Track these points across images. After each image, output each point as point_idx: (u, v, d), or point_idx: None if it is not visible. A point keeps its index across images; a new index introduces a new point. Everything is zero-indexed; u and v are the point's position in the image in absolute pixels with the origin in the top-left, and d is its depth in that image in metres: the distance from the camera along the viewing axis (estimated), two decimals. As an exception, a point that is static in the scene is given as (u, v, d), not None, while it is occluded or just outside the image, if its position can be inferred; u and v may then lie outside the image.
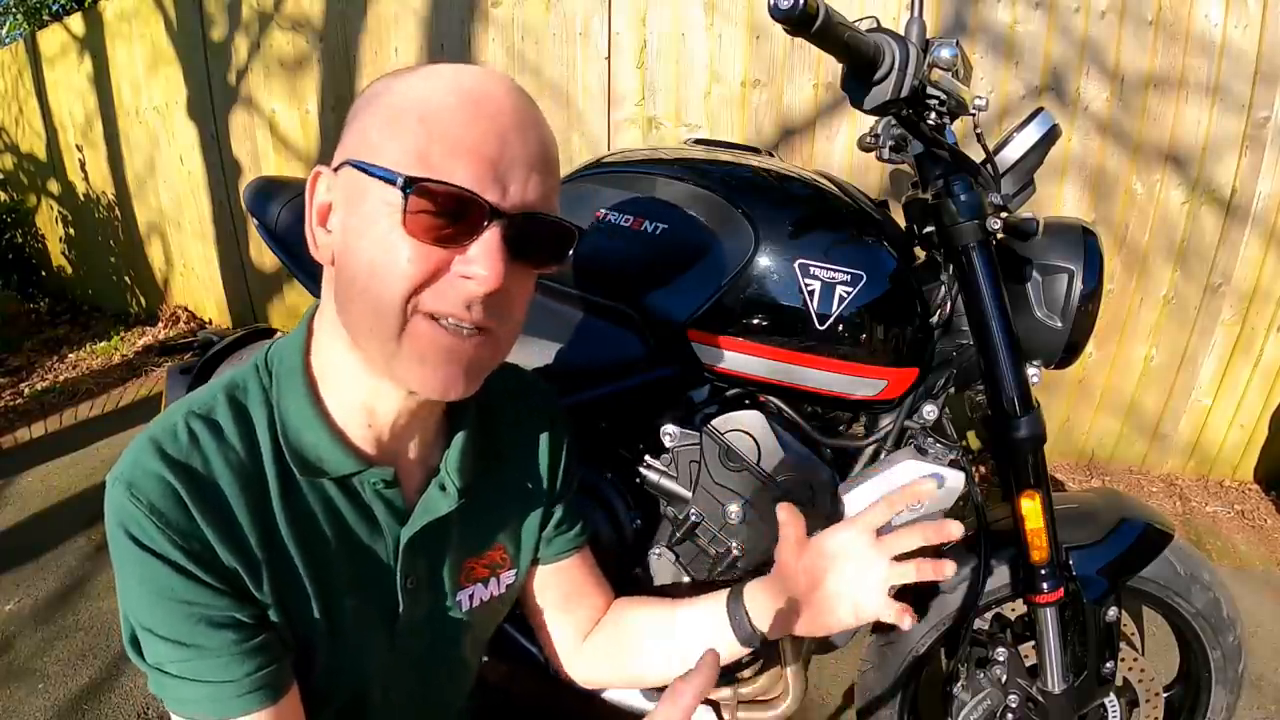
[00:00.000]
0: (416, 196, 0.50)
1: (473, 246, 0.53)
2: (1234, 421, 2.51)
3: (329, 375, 0.62)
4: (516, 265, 0.55)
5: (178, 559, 0.54)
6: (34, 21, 5.89)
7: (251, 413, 0.60)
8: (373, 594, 0.65)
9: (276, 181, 1.37)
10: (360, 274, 0.54)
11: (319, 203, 0.58)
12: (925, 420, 1.00)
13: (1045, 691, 1.00)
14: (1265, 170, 2.22)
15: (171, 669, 0.56)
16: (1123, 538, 1.03)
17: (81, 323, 4.80)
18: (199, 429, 0.57)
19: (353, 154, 0.55)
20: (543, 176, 0.56)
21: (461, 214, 0.52)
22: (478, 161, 0.52)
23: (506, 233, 0.53)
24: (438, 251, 0.52)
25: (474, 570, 0.73)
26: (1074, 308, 0.97)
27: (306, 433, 0.60)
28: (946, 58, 0.83)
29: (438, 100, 0.53)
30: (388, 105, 0.55)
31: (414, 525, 0.65)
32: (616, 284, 1.02)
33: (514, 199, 0.54)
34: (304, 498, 0.61)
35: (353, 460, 0.61)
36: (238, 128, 3.68)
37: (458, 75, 0.55)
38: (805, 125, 2.58)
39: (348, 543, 0.63)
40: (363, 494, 0.64)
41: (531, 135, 0.55)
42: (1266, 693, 1.64)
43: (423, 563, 0.68)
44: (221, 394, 0.60)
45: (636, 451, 1.07)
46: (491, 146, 0.52)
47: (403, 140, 0.52)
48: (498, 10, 2.85)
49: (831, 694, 1.61)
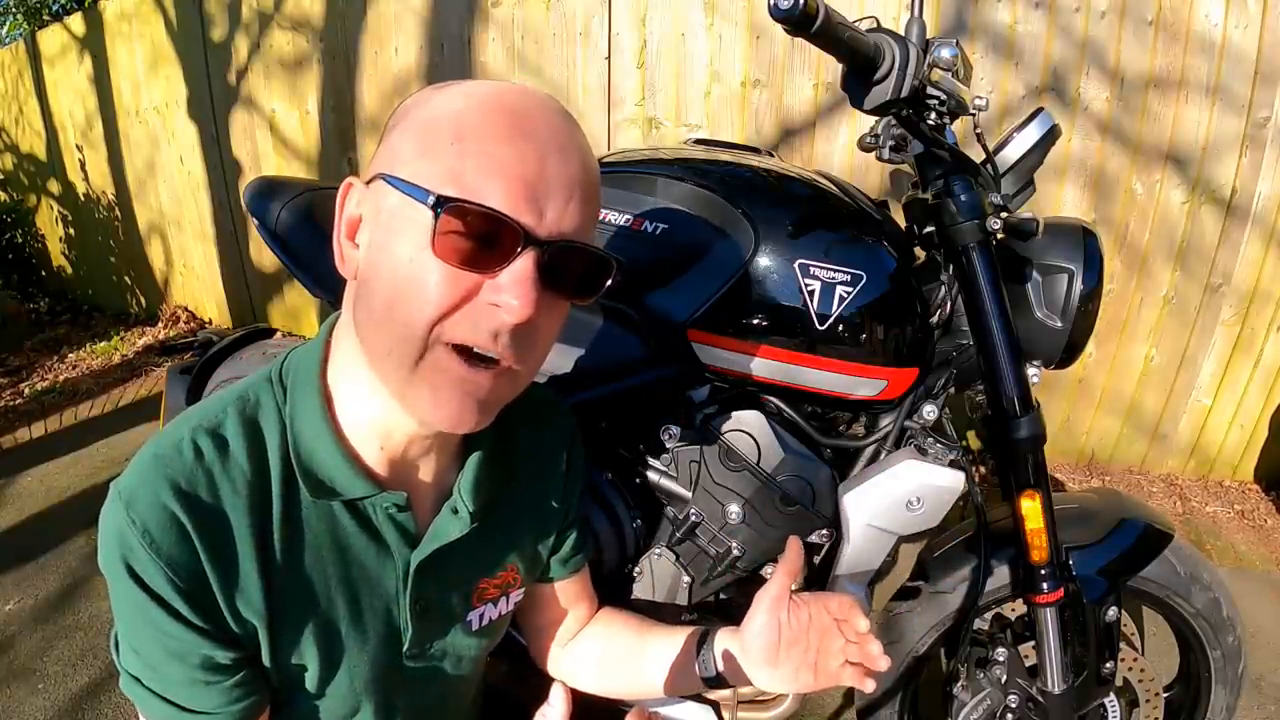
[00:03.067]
0: (447, 217, 0.48)
1: (504, 273, 0.50)
2: (1234, 421, 2.51)
3: (344, 393, 0.59)
4: (549, 296, 0.52)
5: (165, 593, 0.53)
6: (34, 21, 5.89)
7: (263, 428, 0.58)
8: (379, 618, 0.64)
9: (276, 182, 1.37)
10: (384, 294, 0.51)
11: (349, 216, 0.56)
12: (925, 420, 1.00)
13: (1045, 691, 1.00)
14: (1265, 170, 2.22)
15: (142, 679, 0.57)
16: (1123, 538, 1.03)
17: (81, 323, 4.80)
18: (205, 446, 0.55)
19: (384, 168, 0.53)
20: (582, 203, 0.53)
21: (494, 238, 0.49)
22: (514, 182, 0.49)
23: (541, 261, 0.50)
24: (467, 276, 0.50)
25: (486, 591, 0.71)
26: (1074, 308, 0.97)
27: (319, 451, 0.58)
28: (946, 58, 0.83)
29: (474, 116, 0.50)
30: (423, 119, 0.52)
31: (425, 550, 0.63)
32: (617, 284, 1.02)
33: (550, 225, 0.51)
34: (311, 520, 0.59)
35: (365, 483, 0.59)
36: (238, 128, 3.68)
37: (497, 92, 0.52)
38: (805, 125, 2.58)
39: (354, 567, 0.62)
40: (373, 518, 0.62)
41: (574, 158, 0.52)
42: (1266, 693, 1.64)
43: (434, 586, 0.66)
44: (232, 407, 0.58)
45: (636, 451, 1.07)
46: (529, 167, 0.50)
47: (436, 156, 0.50)
48: (498, 10, 2.85)
49: (832, 694, 1.61)
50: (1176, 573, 1.04)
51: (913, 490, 0.93)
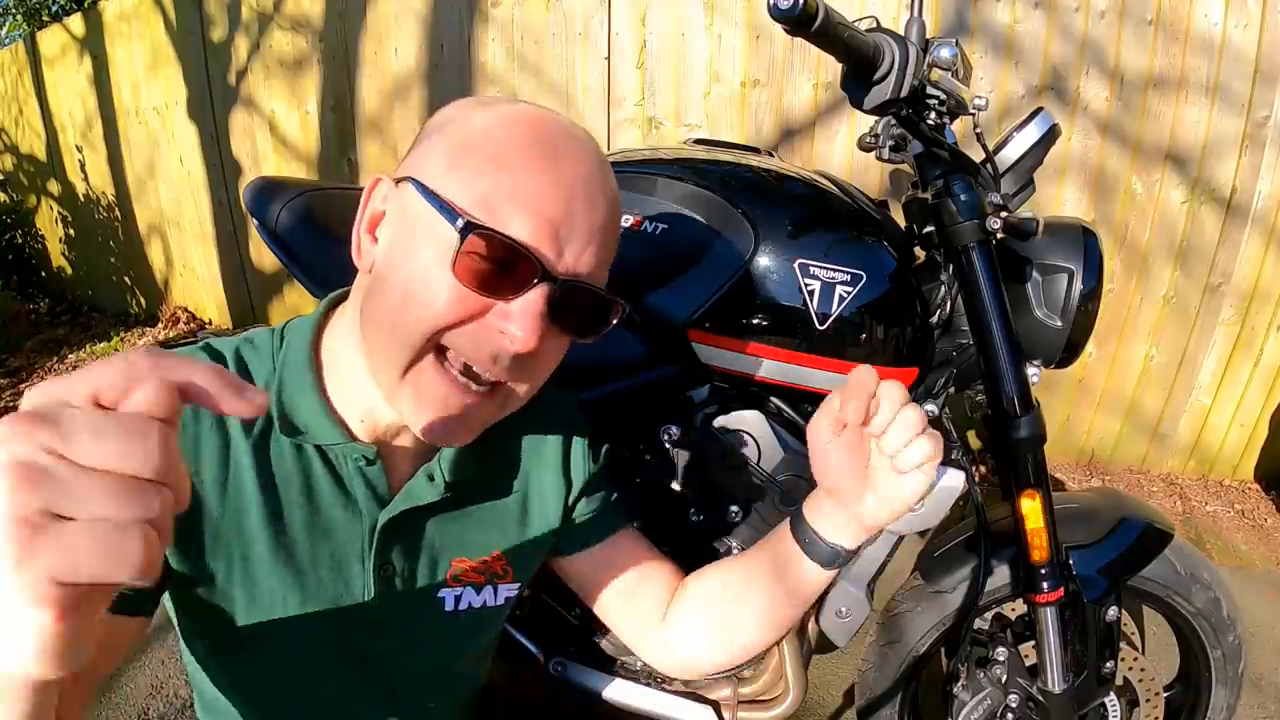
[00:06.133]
0: (473, 240, 0.49)
1: (515, 303, 0.51)
2: (1234, 421, 2.51)
3: (334, 367, 0.62)
4: (553, 330, 0.54)
5: None
6: (34, 22, 5.89)
7: (255, 363, 0.62)
8: (340, 573, 0.63)
9: (276, 182, 1.36)
10: (394, 295, 0.53)
11: (373, 210, 0.57)
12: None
13: (1045, 691, 1.00)
14: (1265, 170, 2.22)
15: None
16: (1123, 537, 1.03)
17: (81, 323, 4.80)
18: (201, 359, 0.57)
19: (417, 173, 0.54)
20: (600, 247, 0.55)
21: (512, 268, 0.51)
22: (541, 218, 0.51)
23: (552, 297, 0.52)
24: (478, 298, 0.51)
25: (465, 572, 0.70)
26: (1074, 307, 0.97)
27: (300, 398, 0.60)
28: (946, 57, 0.83)
29: (513, 144, 0.52)
30: (462, 135, 0.54)
31: (394, 509, 0.63)
32: (616, 284, 1.02)
33: (568, 264, 0.53)
34: (281, 457, 0.60)
35: (336, 432, 0.60)
36: (238, 128, 3.68)
37: (538, 122, 0.54)
38: (805, 125, 2.58)
39: (321, 514, 0.62)
40: (342, 469, 0.62)
41: (600, 203, 0.54)
42: (1267, 692, 1.64)
43: (402, 552, 0.65)
44: (233, 343, 0.63)
45: (636, 451, 1.07)
46: (558, 208, 0.51)
47: (470, 177, 0.52)
48: (498, 10, 2.85)
49: (832, 694, 1.61)
50: (1177, 572, 1.04)
51: (913, 490, 0.93)
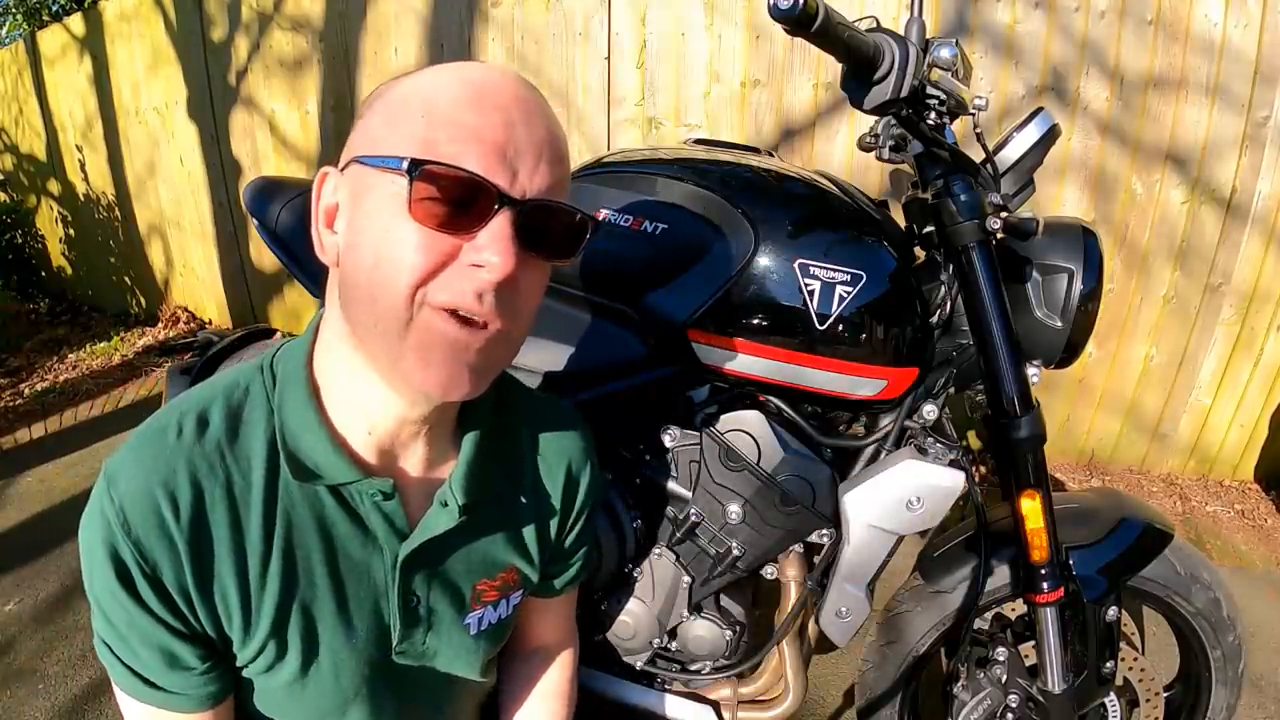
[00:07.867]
0: (422, 182, 0.49)
1: (482, 233, 0.51)
2: (1234, 421, 2.51)
3: (331, 381, 0.60)
4: (528, 256, 0.53)
5: (135, 578, 0.54)
6: (34, 22, 5.89)
7: (249, 415, 0.59)
8: (366, 611, 0.63)
9: (276, 182, 1.37)
10: (365, 267, 0.52)
11: (325, 205, 0.57)
12: (925, 420, 0.99)
13: (1045, 691, 1.00)
14: (1265, 170, 2.22)
15: (113, 647, 0.58)
16: (1123, 537, 1.03)
17: (81, 323, 4.80)
18: (189, 430, 0.56)
19: (357, 151, 0.54)
20: (552, 165, 0.54)
21: (470, 199, 0.50)
22: (485, 147, 0.50)
23: (517, 220, 0.51)
24: (445, 239, 0.51)
25: (485, 594, 0.70)
26: (1074, 307, 0.97)
27: (305, 435, 0.58)
28: (946, 57, 0.83)
29: (442, 91, 0.52)
30: (391, 100, 0.54)
31: (413, 542, 0.62)
32: (617, 284, 1.02)
33: (523, 185, 0.52)
34: (297, 506, 0.59)
35: (350, 468, 0.59)
36: (238, 128, 3.68)
37: (461, 68, 0.54)
38: (805, 125, 2.58)
39: (340, 556, 0.61)
40: (359, 506, 0.61)
41: (538, 123, 0.54)
42: (1267, 692, 1.64)
43: (426, 583, 0.65)
44: (221, 394, 0.59)
45: (636, 451, 1.07)
46: (498, 133, 0.51)
47: (407, 130, 0.51)
48: (498, 10, 2.85)
49: (832, 694, 1.61)
50: (1176, 572, 1.04)
51: (913, 490, 0.93)
